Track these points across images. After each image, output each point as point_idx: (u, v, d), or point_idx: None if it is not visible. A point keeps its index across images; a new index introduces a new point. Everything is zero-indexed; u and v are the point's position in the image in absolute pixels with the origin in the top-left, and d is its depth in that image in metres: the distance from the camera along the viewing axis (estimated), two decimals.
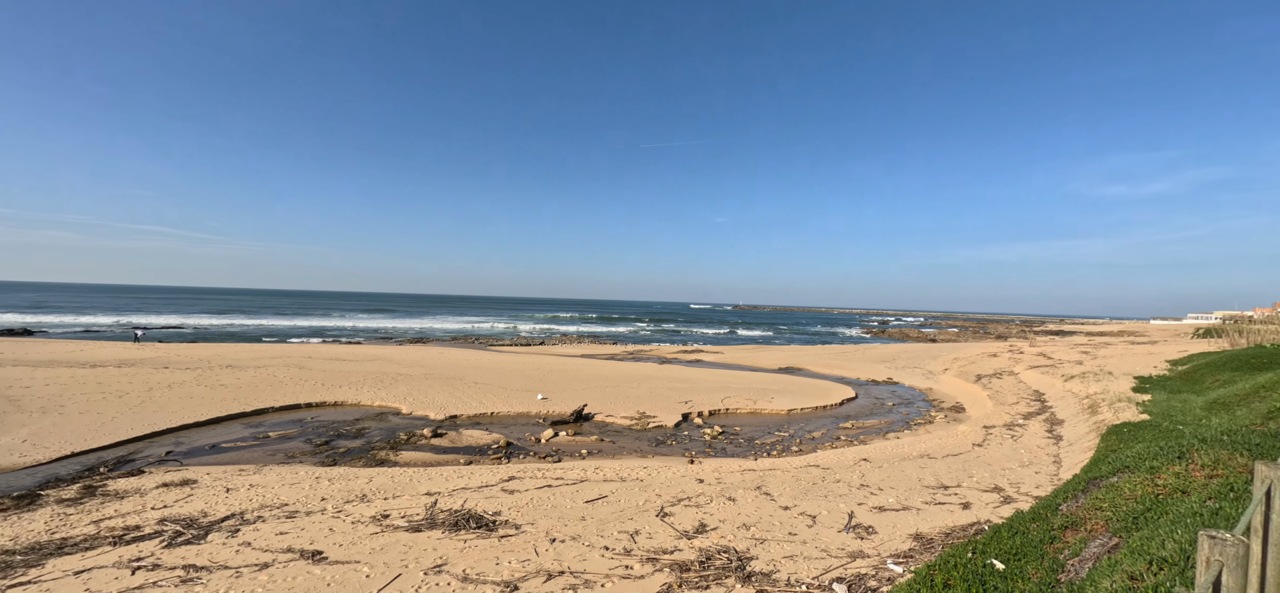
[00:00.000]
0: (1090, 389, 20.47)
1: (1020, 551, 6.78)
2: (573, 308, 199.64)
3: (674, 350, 44.43)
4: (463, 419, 19.79)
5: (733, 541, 9.54)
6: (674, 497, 12.01)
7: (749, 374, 31.28)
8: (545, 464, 15.02)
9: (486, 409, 20.71)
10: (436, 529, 9.54)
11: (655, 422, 20.32)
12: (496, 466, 14.51)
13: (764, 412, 22.16)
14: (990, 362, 34.31)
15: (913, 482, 12.94)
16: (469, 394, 22.86)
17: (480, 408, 20.95)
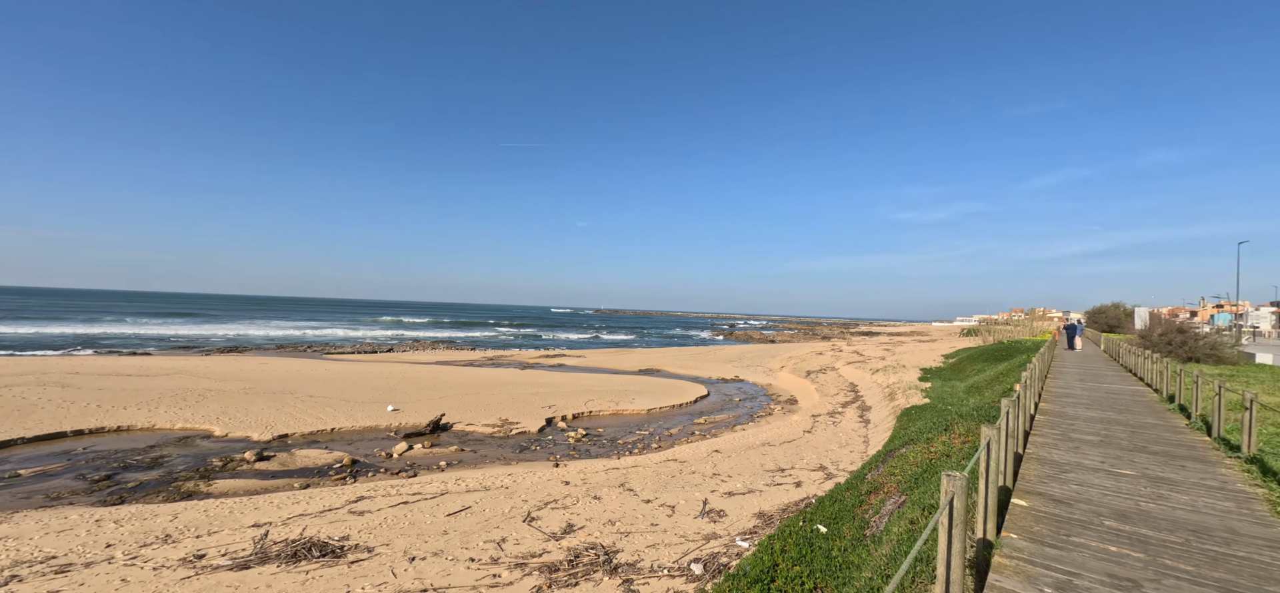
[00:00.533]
0: (889, 380, 24.88)
1: (838, 515, 8.20)
2: (425, 311, 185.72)
3: (536, 355, 43.93)
4: (296, 438, 17.59)
5: (600, 537, 9.94)
6: (541, 501, 12.08)
7: (611, 377, 32.19)
8: (399, 480, 14.06)
9: (325, 425, 18.63)
10: (270, 564, 8.52)
11: (518, 428, 20.06)
12: (340, 486, 13.23)
13: (626, 412, 23.06)
14: (817, 359, 39.63)
15: (756, 468, 14.55)
16: (303, 410, 20.32)
17: (318, 424, 18.78)
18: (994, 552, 3.72)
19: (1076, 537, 4.12)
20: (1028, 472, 5.83)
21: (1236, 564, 3.75)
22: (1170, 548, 3.97)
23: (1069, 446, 7.09)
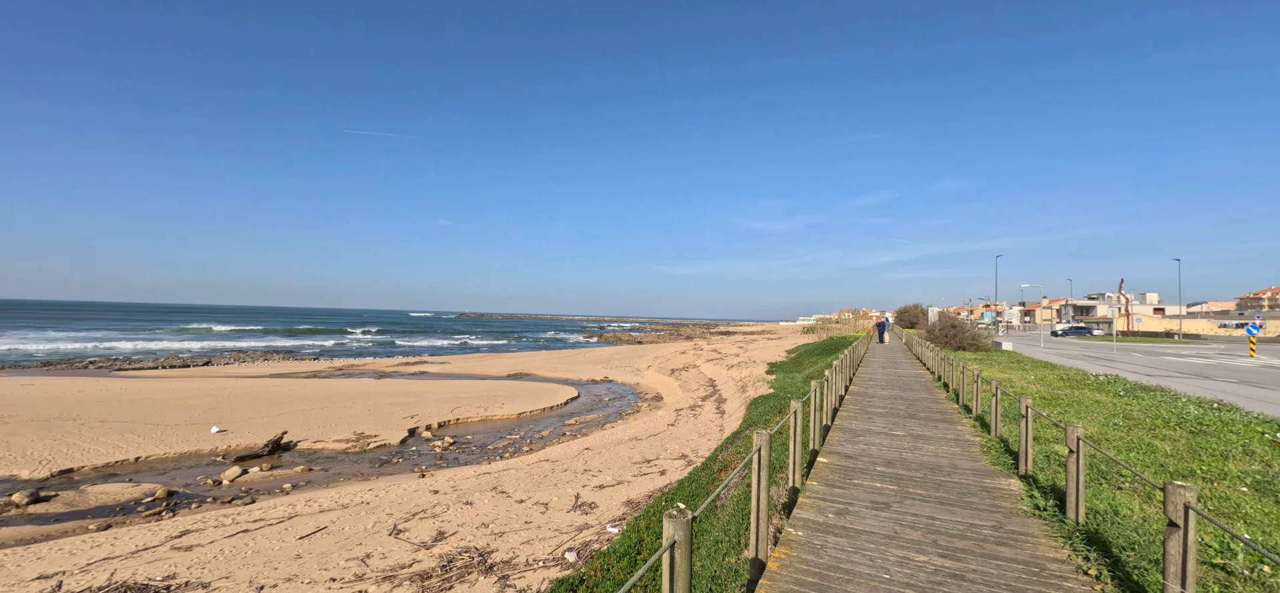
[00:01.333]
0: (742, 375, 27.83)
1: (694, 493, 9.41)
2: (255, 317, 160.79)
3: (393, 363, 40.98)
4: (86, 473, 14.84)
5: (473, 541, 10.09)
6: (408, 513, 11.78)
7: (479, 382, 31.43)
8: (234, 508, 12.65)
9: (127, 455, 15.91)
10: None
11: (377, 441, 18.91)
12: (155, 523, 11.57)
13: (495, 418, 22.85)
14: (681, 358, 42.49)
15: (625, 461, 15.57)
16: (92, 438, 17.07)
17: (116, 455, 15.97)
18: (800, 495, 4.95)
19: (856, 479, 5.58)
20: (832, 437, 7.47)
21: (951, 487, 5.44)
22: (914, 480, 5.58)
23: (865, 417, 9.07)
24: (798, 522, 4.43)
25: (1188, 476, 5.54)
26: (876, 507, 4.75)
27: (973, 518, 4.51)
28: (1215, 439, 6.94)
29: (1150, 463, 6.06)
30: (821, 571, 3.56)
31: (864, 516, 4.54)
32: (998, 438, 7.34)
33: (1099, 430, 7.72)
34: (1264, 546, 3.87)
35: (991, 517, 4.55)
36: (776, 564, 3.68)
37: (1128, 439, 7.14)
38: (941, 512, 4.64)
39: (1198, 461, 6.07)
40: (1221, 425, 7.73)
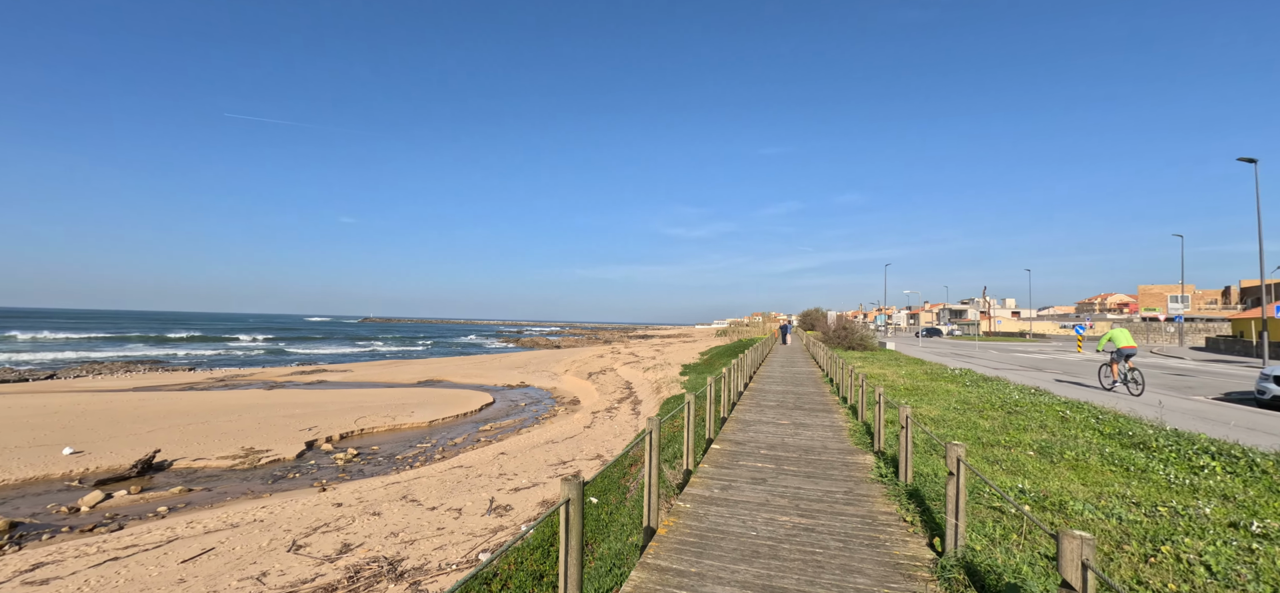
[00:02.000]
0: (657, 376, 28.88)
1: (606, 487, 9.97)
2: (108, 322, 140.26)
3: (287, 372, 37.96)
4: None
5: (382, 550, 9.98)
6: (308, 527, 11.36)
7: (386, 391, 30.08)
8: (98, 536, 11.50)
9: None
10: None
11: (270, 456, 17.73)
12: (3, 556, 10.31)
13: (405, 427, 22.11)
14: (598, 362, 43.04)
15: (541, 464, 15.83)
16: None
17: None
18: (692, 475, 5.68)
19: (742, 461, 6.43)
20: (727, 427, 8.37)
21: (818, 463, 6.45)
22: (790, 459, 6.54)
23: (758, 409, 10.14)
24: (688, 497, 5.13)
25: (995, 444, 6.99)
26: (755, 482, 5.59)
27: (830, 486, 5.46)
28: (1023, 417, 8.71)
29: (972, 436, 7.51)
30: (702, 533, 4.26)
31: (743, 489, 5.35)
32: (862, 423, 8.62)
33: (941, 413, 9.32)
34: (1011, 489, 5.13)
35: (845, 484, 5.54)
36: (665, 530, 4.33)
37: (961, 419, 8.73)
38: (807, 483, 5.57)
39: (1006, 433, 7.64)
40: (1031, 407, 9.67)
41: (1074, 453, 6.35)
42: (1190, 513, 4.35)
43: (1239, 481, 5.26)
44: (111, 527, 11.91)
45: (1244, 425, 9.71)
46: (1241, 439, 8.31)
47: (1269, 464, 5.63)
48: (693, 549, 3.95)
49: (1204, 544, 3.71)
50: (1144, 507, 4.58)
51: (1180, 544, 3.73)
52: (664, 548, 3.99)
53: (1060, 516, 4.44)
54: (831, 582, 3.46)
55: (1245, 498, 4.77)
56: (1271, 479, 5.23)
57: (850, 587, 3.39)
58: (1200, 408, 12.16)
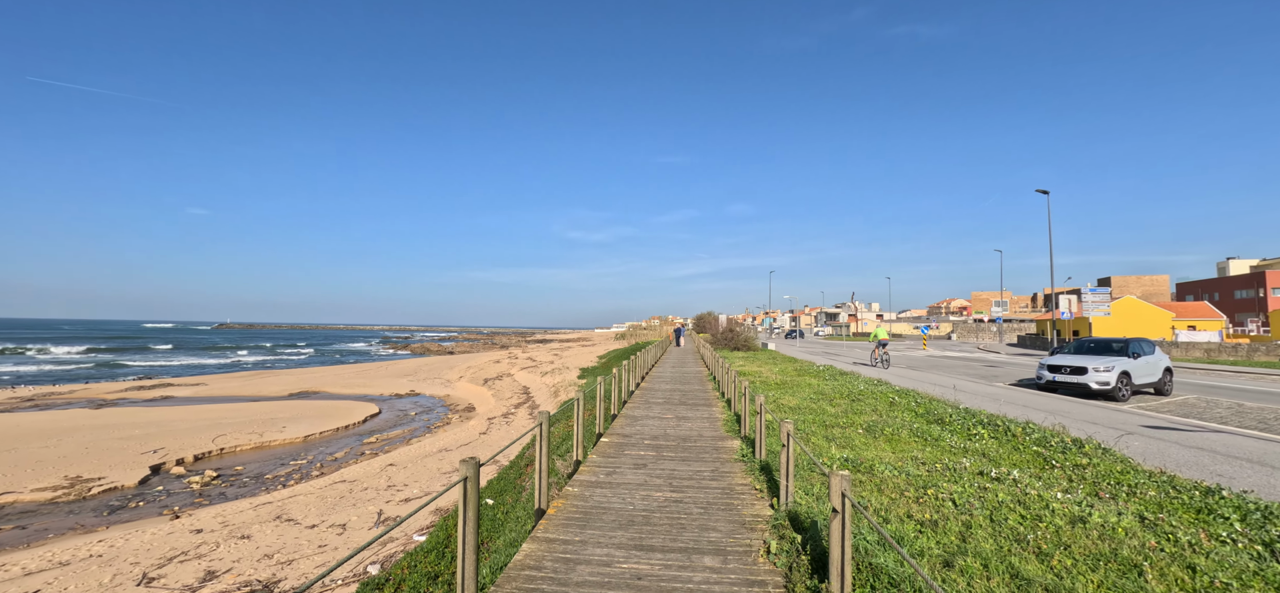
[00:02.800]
0: (556, 381, 29.11)
1: (502, 489, 10.26)
2: None
3: (120, 388, 32.90)
4: None
5: (256, 573, 9.47)
6: (161, 558, 10.44)
7: (251, 405, 27.32)
8: None
9: None
10: None
11: (103, 485, 15.65)
12: None
13: (275, 443, 20.40)
14: (495, 367, 42.15)
15: (434, 473, 15.55)
16: None
17: None
18: (582, 464, 6.29)
19: (627, 450, 7.18)
20: (617, 422, 9.11)
21: (693, 449, 7.39)
22: (669, 447, 7.40)
23: (647, 406, 11.04)
24: (576, 482, 5.74)
25: (835, 426, 8.45)
26: (637, 467, 6.34)
27: (700, 467, 6.37)
28: (862, 404, 10.49)
29: (820, 420, 8.96)
30: (586, 510, 4.88)
31: (626, 473, 6.07)
32: (734, 414, 9.79)
33: (800, 402, 10.88)
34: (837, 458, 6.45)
35: (713, 465, 6.48)
36: (554, 510, 4.89)
37: (814, 407, 10.29)
38: (681, 466, 6.43)
39: (846, 416, 9.22)
40: (870, 395, 11.62)
41: (892, 430, 7.92)
42: (955, 467, 5.84)
43: (995, 443, 7.04)
44: None
45: (1020, 404, 12.44)
46: (1015, 414, 10.70)
47: (1018, 430, 7.60)
48: (578, 523, 4.55)
49: (956, 488, 5.08)
50: (927, 465, 6.01)
51: (940, 488, 5.08)
52: (552, 524, 4.56)
53: (870, 475, 5.70)
54: (691, 538, 4.25)
55: (995, 454, 6.46)
56: (1017, 441, 7.09)
57: (704, 540, 4.21)
58: (997, 392, 15.19)
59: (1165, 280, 73.62)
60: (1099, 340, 16.42)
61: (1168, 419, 10.60)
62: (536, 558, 3.87)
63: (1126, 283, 73.26)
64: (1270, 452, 7.64)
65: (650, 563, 3.76)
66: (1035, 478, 5.37)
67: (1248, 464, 6.91)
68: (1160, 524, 4.13)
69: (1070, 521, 4.14)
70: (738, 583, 3.50)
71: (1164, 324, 45.15)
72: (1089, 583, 3.15)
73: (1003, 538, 3.85)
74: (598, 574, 3.58)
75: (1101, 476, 5.42)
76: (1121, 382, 13.99)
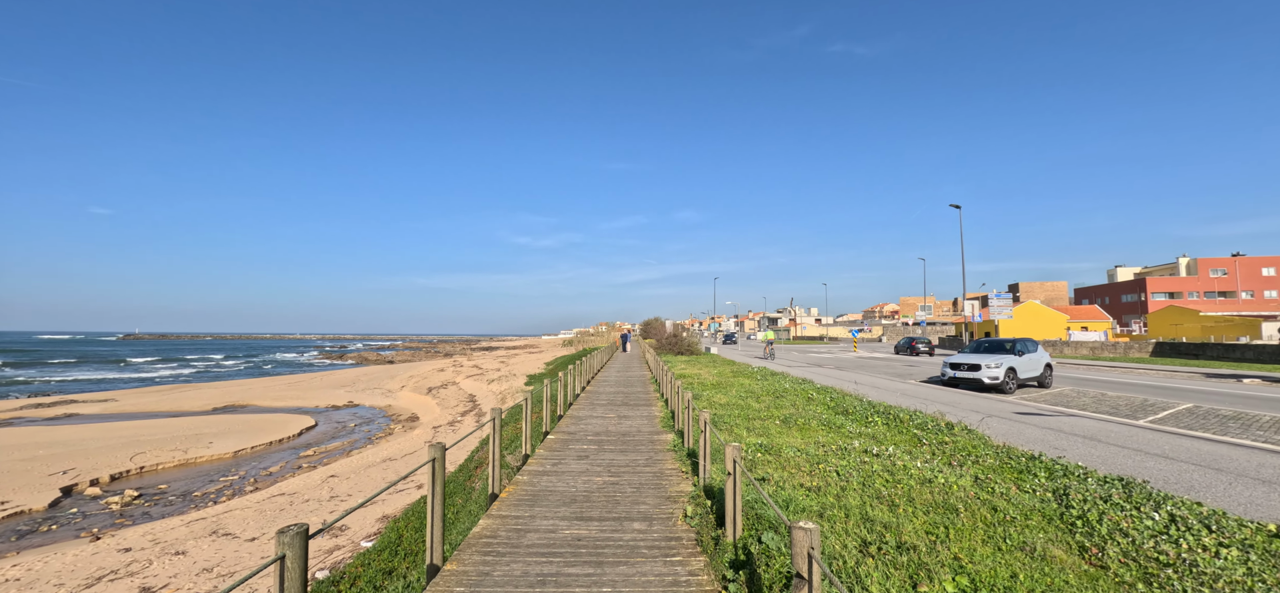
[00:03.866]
0: (502, 388, 29.27)
1: (453, 491, 10.74)
2: None
3: (15, 406, 30.23)
4: None
5: (196, 586, 9.53)
6: (88, 578, 10.29)
7: (171, 421, 25.99)
8: None
9: None
10: None
11: (7, 510, 14.85)
12: None
13: (201, 460, 19.69)
14: (439, 376, 41.53)
15: (378, 482, 15.65)
16: None
17: None
18: (530, 458, 7.02)
19: (572, 445, 7.97)
20: (563, 422, 9.87)
21: (632, 442, 8.28)
22: (610, 441, 8.26)
23: (591, 406, 11.84)
24: (525, 473, 6.46)
25: (757, 418, 9.61)
26: (580, 457, 7.14)
27: (636, 456, 7.24)
28: (784, 400, 11.79)
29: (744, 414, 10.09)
30: (534, 493, 5.63)
31: (570, 463, 6.85)
32: (670, 411, 10.77)
33: (730, 399, 12.05)
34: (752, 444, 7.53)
35: (648, 454, 7.37)
36: (506, 494, 5.61)
37: (742, 403, 11.46)
38: (620, 456, 7.28)
39: (769, 411, 10.42)
40: (793, 393, 12.99)
41: (804, 421, 9.14)
42: (847, 447, 7.03)
43: (886, 428, 8.37)
44: None
45: (923, 398, 14.20)
46: (917, 406, 12.29)
47: (905, 417, 9.00)
48: (527, 503, 5.30)
49: (843, 462, 6.23)
50: (825, 446, 7.17)
51: (830, 463, 6.21)
52: (504, 505, 5.28)
53: (777, 456, 6.77)
54: (623, 510, 5.10)
55: (883, 437, 7.75)
56: (902, 426, 8.48)
57: (635, 511, 5.06)
58: (908, 388, 17.04)
59: (1064, 286, 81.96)
60: (993, 341, 18.70)
61: (1036, 406, 12.51)
62: (492, 530, 4.58)
63: (1032, 288, 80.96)
64: (1104, 430, 9.40)
65: (588, 529, 4.57)
66: (906, 453, 6.62)
67: (1082, 439, 8.55)
68: (988, 482, 5.38)
69: (920, 482, 5.32)
70: (659, 539, 4.37)
71: (1060, 326, 50.46)
72: (916, 520, 4.25)
73: (867, 496, 4.94)
74: (544, 539, 4.35)
75: (959, 450, 6.75)
76: (1009, 376, 16.11)
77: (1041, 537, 3.97)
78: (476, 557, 4.05)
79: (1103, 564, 3.56)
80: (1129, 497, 4.85)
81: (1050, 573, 3.38)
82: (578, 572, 3.74)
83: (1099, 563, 3.59)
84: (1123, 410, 12.35)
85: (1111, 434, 9.14)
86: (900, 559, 3.51)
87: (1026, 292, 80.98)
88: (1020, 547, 3.79)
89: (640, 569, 3.79)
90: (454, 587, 3.54)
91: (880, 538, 3.92)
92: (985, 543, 3.89)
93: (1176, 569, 3.46)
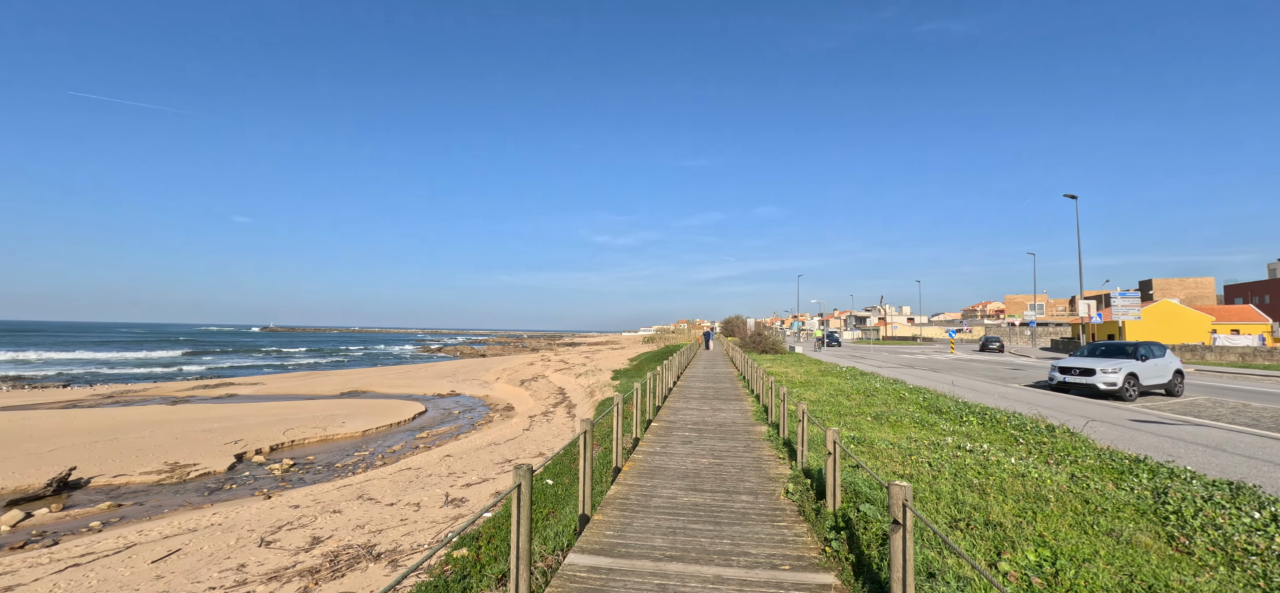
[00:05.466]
0: (589, 381, 31.04)
1: (559, 472, 12.08)
2: None
3: (187, 386, 36.07)
4: None
5: (353, 539, 11.46)
6: (272, 526, 12.53)
7: (308, 403, 29.92)
8: (32, 552, 11.93)
9: None
10: None
11: (199, 470, 18.06)
12: None
13: (338, 437, 22.71)
14: (529, 369, 44.36)
15: (487, 463, 17.52)
16: None
17: None
18: (639, 441, 8.07)
19: (674, 432, 8.95)
20: (661, 413, 10.93)
21: (729, 431, 9.12)
22: (708, 430, 9.15)
23: (685, 400, 12.82)
24: (639, 453, 7.52)
25: (848, 415, 10.09)
26: (684, 442, 8.11)
27: (735, 443, 8.08)
28: (875, 399, 12.07)
29: (835, 411, 10.57)
30: (651, 468, 6.64)
31: (676, 447, 7.83)
32: (763, 406, 11.47)
33: (820, 397, 12.52)
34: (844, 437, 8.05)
35: (745, 442, 8.19)
36: (627, 468, 6.67)
37: (832, 400, 11.91)
38: (720, 442, 8.15)
39: (859, 409, 10.82)
40: (884, 392, 13.18)
41: (896, 417, 9.51)
42: (939, 443, 7.41)
43: (981, 427, 8.56)
44: (46, 542, 12.27)
45: (1027, 401, 13.81)
46: (1020, 410, 12.06)
47: (1003, 418, 9.11)
48: (646, 475, 6.32)
49: (934, 455, 6.67)
50: (918, 441, 7.60)
51: (921, 455, 6.68)
52: (627, 476, 6.34)
53: (869, 448, 7.33)
54: (731, 486, 5.97)
55: (977, 435, 8.00)
56: (999, 426, 8.63)
57: (741, 486, 5.92)
58: (1009, 392, 16.48)
59: (1211, 283, 72.05)
60: (1112, 344, 17.52)
61: (1157, 415, 11.85)
62: (622, 495, 5.63)
63: (1169, 285, 71.97)
64: (1233, 440, 8.92)
65: (703, 498, 5.49)
66: (1001, 450, 6.93)
67: (1203, 449, 8.25)
68: (1084, 479, 5.65)
69: (1013, 475, 5.70)
70: (765, 509, 5.19)
71: (1202, 328, 44.83)
72: (1006, 506, 4.73)
73: (959, 484, 5.44)
74: (667, 502, 5.32)
75: (1058, 450, 6.93)
76: (1129, 382, 15.15)
77: (1130, 526, 4.32)
78: (615, 512, 5.09)
79: (1188, 551, 3.90)
80: (1233, 498, 4.97)
81: (1132, 553, 3.79)
82: (700, 527, 4.66)
83: (1185, 549, 3.93)
84: (1265, 423, 11.42)
85: (1241, 445, 8.67)
86: (987, 533, 4.06)
87: (1161, 290, 72.20)
88: (1107, 532, 4.19)
89: (752, 529, 4.63)
90: (605, 531, 4.57)
91: (969, 517, 4.47)
92: (1072, 528, 4.32)
93: (1264, 558, 3.74)
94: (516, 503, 3.61)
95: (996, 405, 12.13)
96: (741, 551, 4.21)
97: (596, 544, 4.48)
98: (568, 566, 4.14)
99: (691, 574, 3.83)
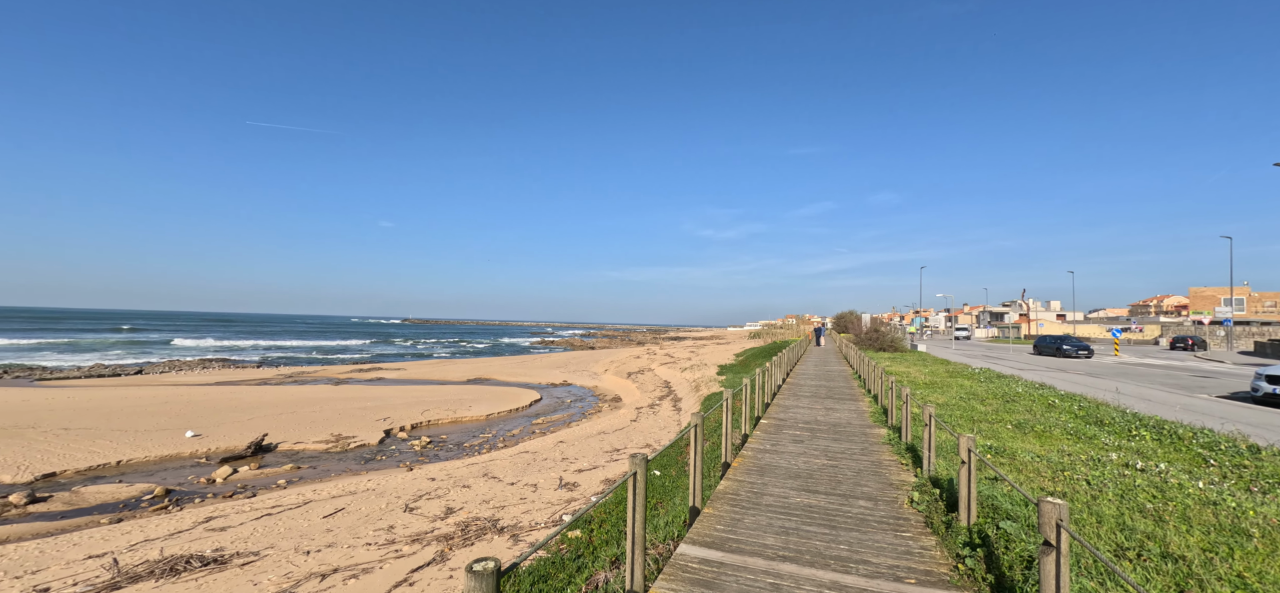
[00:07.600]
0: (695, 376, 31.10)
1: (666, 463, 12.28)
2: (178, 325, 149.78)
3: (346, 370, 41.52)
4: (70, 476, 15.96)
5: (479, 512, 12.50)
6: (414, 495, 14.01)
7: (440, 387, 33.03)
8: (236, 502, 14.33)
9: (107, 459, 17.04)
10: (144, 582, 8.52)
11: (357, 442, 20.63)
12: (171, 514, 13.16)
13: (465, 419, 24.86)
14: (635, 362, 45.44)
15: (597, 450, 18.23)
16: (64, 444, 18.00)
17: (95, 458, 17.07)
18: (748, 438, 7.95)
19: (784, 430, 8.69)
20: (770, 411, 10.66)
21: (844, 432, 8.66)
22: (821, 430, 8.76)
23: (795, 398, 12.38)
24: (748, 450, 7.42)
25: (983, 421, 9.09)
26: (795, 441, 7.85)
27: (851, 444, 7.66)
28: (1016, 405, 10.74)
29: (967, 417, 9.58)
30: (760, 466, 6.52)
31: (787, 446, 7.61)
32: (881, 408, 10.74)
33: (948, 400, 11.41)
34: (981, 446, 7.23)
35: (862, 444, 7.74)
36: (737, 464, 6.62)
37: (963, 405, 10.79)
38: (834, 443, 7.79)
39: (996, 415, 9.69)
40: (1027, 398, 11.67)
41: (1043, 428, 8.40)
42: (1101, 459, 6.42)
43: (1156, 444, 7.26)
44: (247, 494, 14.81)
45: (1221, 416, 11.48)
46: (1212, 426, 10.10)
47: (1187, 434, 7.63)
48: (756, 472, 6.23)
49: (1095, 473, 5.79)
50: (1073, 455, 6.65)
51: (1077, 472, 5.84)
52: (736, 472, 6.29)
53: (1011, 460, 6.56)
54: (847, 489, 5.68)
55: (1150, 453, 6.79)
56: (1182, 443, 7.25)
57: (859, 491, 5.61)
58: (1197, 403, 13.81)
59: None
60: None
61: None
62: (732, 490, 5.61)
63: None
64: None
65: (816, 500, 5.29)
66: (1184, 472, 5.84)
67: None
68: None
69: (1202, 502, 4.77)
70: (887, 517, 4.88)
71: None
72: (1191, 537, 3.98)
73: (1126, 507, 4.68)
74: (779, 501, 5.21)
75: (1263, 475, 5.68)
76: None
77: None
78: (725, 507, 5.09)
79: None
80: None
81: None
82: (814, 530, 4.50)
83: None
84: None
85: None
86: (1165, 566, 3.47)
87: None
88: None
89: (872, 537, 4.38)
90: (715, 525, 4.60)
91: (1140, 546, 3.84)
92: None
93: None
94: (632, 491, 3.75)
95: (1178, 419, 10.28)
96: (860, 558, 4.01)
97: (707, 537, 4.52)
98: (679, 555, 4.22)
99: (806, 577, 3.73)
